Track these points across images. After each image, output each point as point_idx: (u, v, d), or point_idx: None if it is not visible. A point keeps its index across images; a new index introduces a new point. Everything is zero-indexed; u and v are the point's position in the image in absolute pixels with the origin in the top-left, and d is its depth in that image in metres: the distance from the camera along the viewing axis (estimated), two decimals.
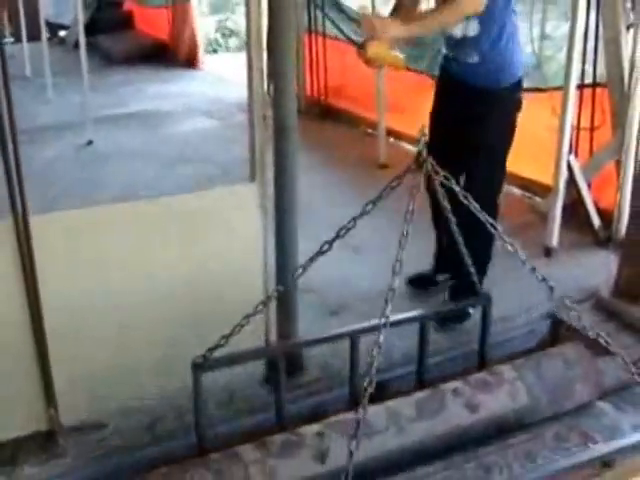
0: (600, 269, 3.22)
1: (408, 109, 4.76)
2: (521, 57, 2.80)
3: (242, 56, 2.45)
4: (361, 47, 2.38)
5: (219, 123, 5.95)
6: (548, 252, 3.44)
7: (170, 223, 2.28)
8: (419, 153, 1.94)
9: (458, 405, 2.05)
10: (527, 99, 4.43)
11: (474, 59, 2.70)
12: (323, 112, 5.76)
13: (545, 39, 4.80)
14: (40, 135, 5.25)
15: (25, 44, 7.61)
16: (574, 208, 3.63)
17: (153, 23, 9.05)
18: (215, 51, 9.25)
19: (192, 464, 1.84)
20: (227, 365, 2.06)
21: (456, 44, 2.73)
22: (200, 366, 1.97)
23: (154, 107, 6.42)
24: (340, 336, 2.23)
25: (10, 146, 1.95)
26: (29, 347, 2.10)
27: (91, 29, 9.28)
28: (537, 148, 3.82)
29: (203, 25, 8.54)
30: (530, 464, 1.99)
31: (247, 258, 2.39)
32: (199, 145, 5.34)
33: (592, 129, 3.75)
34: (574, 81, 3.35)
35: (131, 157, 5.01)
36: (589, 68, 3.75)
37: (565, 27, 3.48)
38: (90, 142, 5.29)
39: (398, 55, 2.49)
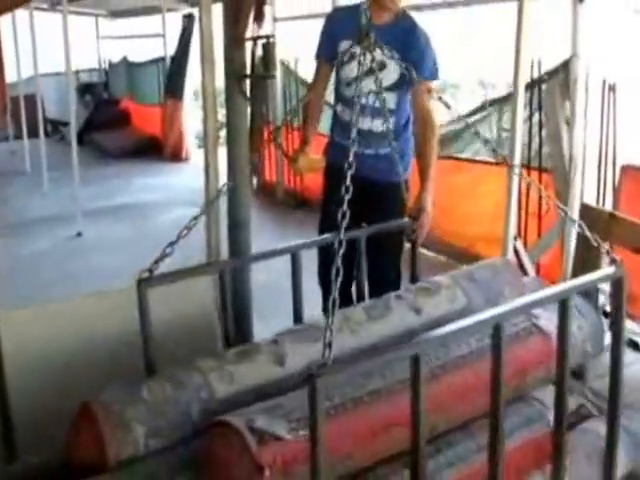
0: None
1: None
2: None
3: None
4: (293, 160, 2.57)
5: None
6: None
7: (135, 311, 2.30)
8: None
9: (403, 307, 2.09)
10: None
11: (380, 151, 2.67)
12: (299, 202, 6.06)
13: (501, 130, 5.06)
14: (33, 228, 5.44)
15: (26, 141, 7.96)
16: None
17: (147, 120, 9.53)
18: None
19: (146, 380, 1.75)
20: (174, 281, 1.95)
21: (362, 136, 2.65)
22: (146, 280, 1.85)
23: (141, 199, 6.72)
24: (282, 252, 2.24)
25: None
26: None
27: (90, 126, 9.82)
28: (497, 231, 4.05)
29: (198, 119, 8.75)
30: None
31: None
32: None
33: (540, 215, 4.05)
34: (515, 187, 3.59)
35: (116, 246, 5.24)
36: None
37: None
38: (79, 234, 5.55)
39: (320, 160, 2.65)
